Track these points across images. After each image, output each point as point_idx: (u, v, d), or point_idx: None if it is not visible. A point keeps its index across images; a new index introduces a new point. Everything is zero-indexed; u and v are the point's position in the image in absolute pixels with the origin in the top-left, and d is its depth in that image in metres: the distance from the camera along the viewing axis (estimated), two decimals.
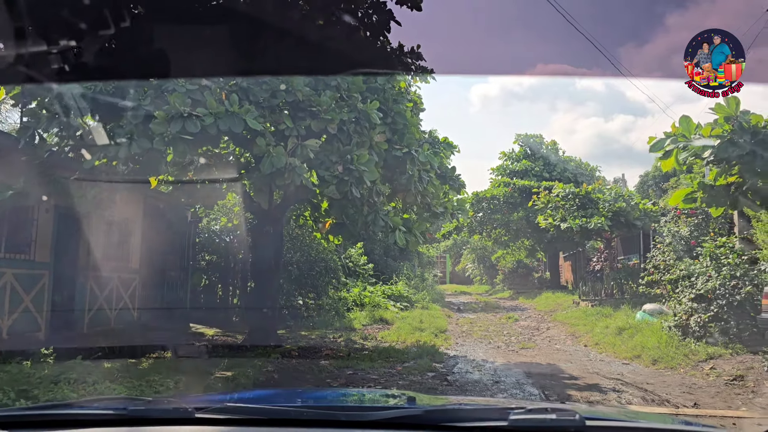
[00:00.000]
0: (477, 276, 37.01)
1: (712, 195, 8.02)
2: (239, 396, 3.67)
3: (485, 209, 25.33)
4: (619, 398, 7.43)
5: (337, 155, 8.27)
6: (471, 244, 33.92)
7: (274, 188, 8.94)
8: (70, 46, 2.50)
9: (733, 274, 10.40)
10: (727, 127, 6.64)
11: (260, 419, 1.94)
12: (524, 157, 27.61)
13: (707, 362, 9.34)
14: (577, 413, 1.77)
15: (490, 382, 8.53)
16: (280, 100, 7.79)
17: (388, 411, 1.96)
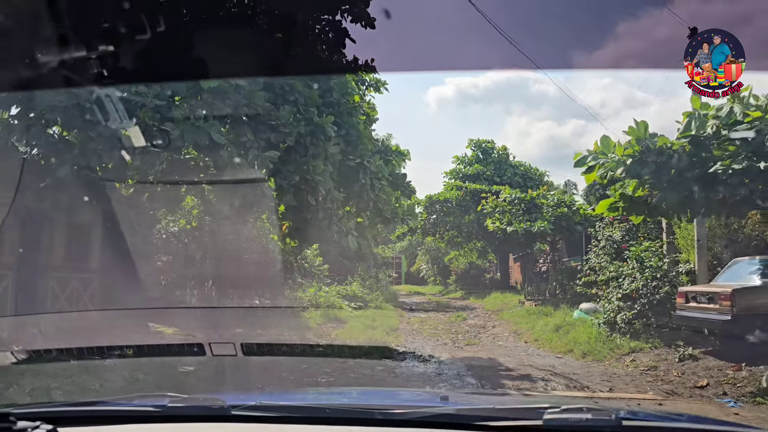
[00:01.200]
0: (431, 277, 38.10)
1: (632, 205, 9.16)
2: (273, 394, 3.80)
3: (438, 212, 26.40)
4: (545, 386, 8.46)
5: (295, 165, 9.05)
6: (425, 245, 34.99)
7: (235, 196, 9.65)
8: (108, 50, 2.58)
9: (655, 275, 11.62)
10: (637, 148, 7.72)
11: (295, 417, 2.00)
12: (476, 161, 28.84)
13: (629, 355, 10.49)
14: (614, 413, 1.78)
15: (434, 374, 9.45)
16: (242, 114, 8.52)
17: (422, 410, 1.99)
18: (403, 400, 2.75)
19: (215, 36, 7.91)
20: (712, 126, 7.03)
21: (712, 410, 7.05)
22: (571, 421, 1.73)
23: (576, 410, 1.79)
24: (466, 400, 2.73)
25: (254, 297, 16.11)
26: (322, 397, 3.07)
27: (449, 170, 29.05)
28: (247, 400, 2.15)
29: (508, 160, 29.21)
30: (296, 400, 2.67)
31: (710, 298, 9.58)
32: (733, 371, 8.66)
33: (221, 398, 2.09)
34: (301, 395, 3.37)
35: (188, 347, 11.27)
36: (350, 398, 2.98)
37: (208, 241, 14.55)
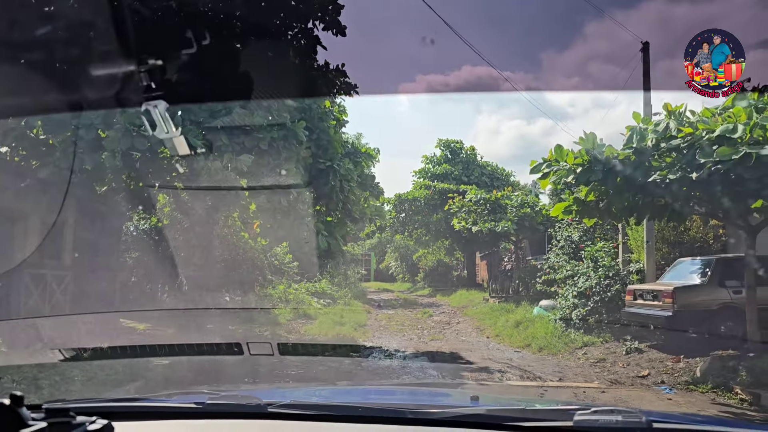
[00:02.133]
0: (400, 274, 38.79)
1: (584, 209, 9.89)
2: (306, 391, 3.93)
3: (407, 210, 27.07)
4: (501, 377, 9.17)
5: (268, 168, 9.58)
6: (394, 243, 35.66)
7: (209, 196, 10.13)
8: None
9: (607, 274, 12.48)
10: (586, 158, 8.45)
11: (329, 415, 2.05)
12: (445, 161, 29.60)
13: (582, 349, 11.29)
14: (644, 416, 1.79)
15: (398, 367, 10.10)
16: (218, 120, 9.02)
17: (453, 410, 2.04)
18: (434, 400, 2.86)
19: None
20: (652, 139, 7.79)
21: (649, 396, 7.84)
22: (602, 422, 1.74)
23: (606, 412, 1.80)
24: (496, 399, 2.80)
25: (224, 294, 16.56)
26: (353, 395, 3.13)
27: (418, 169, 29.77)
28: (281, 397, 2.27)
29: (476, 160, 30.04)
30: (328, 397, 2.76)
31: (655, 295, 10.42)
32: (673, 362, 9.50)
33: (257, 395, 2.20)
34: (333, 393, 3.48)
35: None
36: (381, 397, 3.01)
37: (180, 240, 14.94)
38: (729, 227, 12.14)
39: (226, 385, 8.24)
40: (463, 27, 64.06)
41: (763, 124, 6.61)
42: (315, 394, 3.12)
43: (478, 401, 2.35)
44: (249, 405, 2.10)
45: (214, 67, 9.11)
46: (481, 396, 2.41)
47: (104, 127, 7.93)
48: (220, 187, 8.67)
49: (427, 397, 3.17)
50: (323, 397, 2.76)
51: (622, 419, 1.75)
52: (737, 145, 6.61)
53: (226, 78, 9.31)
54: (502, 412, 2.03)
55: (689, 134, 7.27)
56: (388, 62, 60.61)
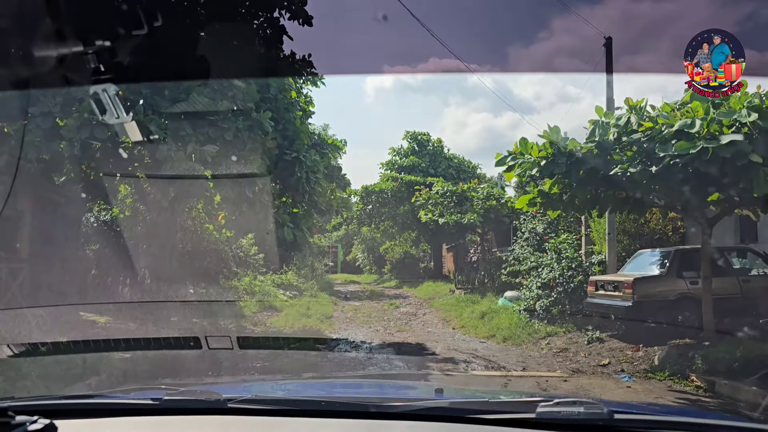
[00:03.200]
0: (367, 266, 38.87)
1: (548, 201, 10.04)
2: (268, 385, 3.88)
3: (374, 202, 27.11)
4: (466, 367, 9.30)
5: (233, 159, 9.49)
6: (361, 235, 35.68)
7: (172, 187, 9.99)
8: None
9: (570, 265, 12.73)
10: (550, 150, 8.59)
11: (290, 410, 2.03)
12: (412, 153, 29.71)
13: (545, 339, 11.51)
14: (605, 406, 1.82)
15: (364, 358, 10.14)
16: (181, 109, 8.88)
17: (416, 403, 2.02)
18: (398, 393, 2.84)
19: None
20: (614, 133, 7.96)
21: (609, 385, 8.05)
22: (564, 413, 1.76)
23: (569, 403, 1.82)
24: (461, 393, 2.78)
25: (188, 286, 16.36)
26: (317, 388, 3.10)
27: (385, 161, 29.81)
28: (243, 392, 2.24)
29: (443, 152, 30.21)
30: (292, 392, 2.73)
31: (616, 286, 10.67)
32: (632, 351, 9.77)
33: (217, 390, 2.15)
34: (297, 387, 3.43)
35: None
36: (344, 390, 3.00)
37: (141, 231, 14.69)
38: (687, 219, 12.50)
39: (189, 379, 8.18)
40: (431, 18, 64.14)
41: (719, 120, 6.82)
42: (277, 389, 3.09)
43: (442, 394, 2.34)
44: (208, 401, 2.07)
45: (174, 53, 8.96)
46: (446, 389, 2.42)
47: (62, 116, 7.74)
48: (184, 176, 8.56)
49: (391, 390, 3.17)
50: (286, 391, 2.74)
51: (584, 410, 1.77)
52: (695, 140, 6.81)
53: (187, 64, 9.17)
54: (465, 404, 2.05)
55: (649, 128, 7.46)
56: (355, 53, 60.32)
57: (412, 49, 59.08)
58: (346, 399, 2.27)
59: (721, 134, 6.71)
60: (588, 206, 9.86)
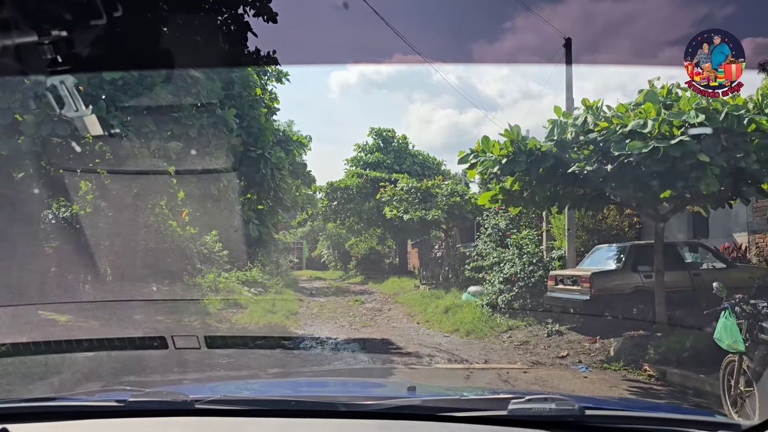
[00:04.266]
0: (332, 262, 38.89)
1: (509, 198, 10.29)
2: (238, 385, 3.82)
3: (339, 198, 27.16)
4: (430, 361, 9.50)
5: (197, 156, 9.48)
6: (326, 231, 35.69)
7: (134, 184, 9.93)
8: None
9: (531, 260, 13.06)
10: (511, 149, 8.82)
11: (259, 410, 2.00)
12: (377, 149, 29.86)
13: (507, 332, 11.81)
14: (576, 402, 1.83)
15: (330, 354, 10.27)
16: (143, 104, 8.84)
17: (387, 401, 1.99)
18: (369, 391, 2.82)
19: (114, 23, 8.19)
20: (571, 132, 8.23)
21: (567, 375, 8.35)
22: (535, 410, 1.77)
23: (540, 400, 1.83)
24: (434, 391, 2.77)
25: (151, 284, 16.21)
26: (286, 387, 3.06)
27: (350, 158, 29.90)
28: (210, 392, 2.20)
29: (408, 149, 30.44)
30: (260, 391, 2.70)
31: (574, 280, 11.02)
32: (590, 343, 10.13)
33: (184, 391, 2.10)
34: (265, 386, 3.42)
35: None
36: (314, 389, 2.97)
37: (103, 228, 14.49)
38: (642, 216, 12.95)
39: (154, 376, 8.16)
40: (394, 15, 64.18)
41: (670, 120, 7.14)
42: (245, 388, 3.06)
43: (414, 392, 2.31)
44: (175, 402, 2.02)
45: (135, 45, 8.92)
46: (418, 386, 2.37)
47: (21, 112, 7.64)
48: (147, 172, 8.53)
49: (361, 388, 3.15)
50: (254, 391, 2.71)
51: (556, 407, 1.78)
52: (647, 140, 7.11)
53: (149, 56, 9.13)
54: (437, 402, 2.05)
55: (605, 128, 7.75)
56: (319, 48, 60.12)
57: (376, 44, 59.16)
58: (316, 398, 2.25)
59: (671, 134, 7.02)
60: (548, 203, 10.15)
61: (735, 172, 7.28)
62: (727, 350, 5.53)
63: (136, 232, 12.61)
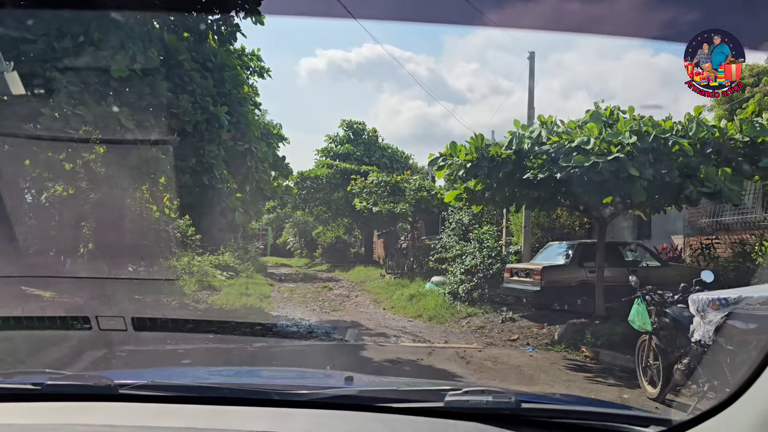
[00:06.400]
0: (297, 249, 39.98)
1: (473, 197, 11.63)
2: (168, 372, 3.73)
3: (309, 188, 28.30)
4: (396, 340, 10.83)
5: (192, 149, 10.58)
6: (293, 219, 36.74)
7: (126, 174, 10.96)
8: None
9: (490, 254, 14.49)
10: (475, 155, 10.15)
11: (187, 396, 1.94)
12: (347, 141, 31.04)
13: (466, 318, 13.21)
14: (513, 395, 1.85)
15: (305, 332, 11.50)
16: (146, 102, 9.88)
17: (322, 391, 1.99)
18: (305, 381, 2.77)
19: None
20: (527, 143, 9.59)
21: (516, 354, 9.76)
22: (472, 402, 1.79)
23: (477, 392, 1.84)
24: (373, 381, 2.73)
25: (128, 265, 17.12)
26: (221, 375, 3.00)
27: (321, 148, 31.02)
28: (138, 377, 2.11)
29: (378, 142, 31.70)
30: (193, 378, 2.62)
31: (527, 273, 12.46)
32: (538, 329, 11.59)
33: (109, 376, 2.02)
34: (198, 373, 3.36)
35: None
36: (251, 378, 2.93)
37: (85, 210, 15.38)
38: (588, 217, 14.50)
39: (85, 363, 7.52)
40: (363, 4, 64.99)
41: (609, 140, 8.56)
42: (177, 375, 2.99)
43: (351, 382, 2.28)
44: (97, 386, 1.94)
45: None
46: (356, 377, 2.34)
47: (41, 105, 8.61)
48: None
49: (298, 378, 3.08)
50: (186, 378, 2.61)
51: (492, 399, 1.80)
52: (589, 155, 8.51)
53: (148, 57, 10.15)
54: (374, 393, 2.04)
55: (555, 142, 9.13)
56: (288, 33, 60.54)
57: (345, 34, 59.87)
58: (249, 386, 2.21)
59: (609, 151, 8.45)
60: (506, 203, 11.55)
61: (662, 184, 8.74)
62: (639, 330, 6.99)
63: (120, 215, 13.58)
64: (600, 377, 8.31)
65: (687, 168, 8.69)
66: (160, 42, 10.57)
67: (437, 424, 1.75)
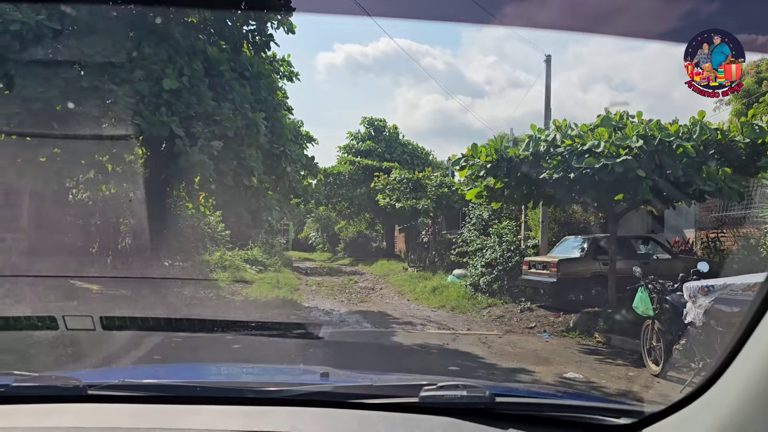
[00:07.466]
0: (320, 244, 41.06)
1: (492, 194, 12.55)
2: (140, 371, 3.63)
3: (332, 184, 29.34)
4: (423, 328, 11.80)
5: (233, 153, 11.62)
6: (316, 214, 37.81)
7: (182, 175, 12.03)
8: None
9: (510, 248, 15.39)
10: (494, 156, 11.07)
11: (159, 396, 1.92)
12: (369, 138, 32.01)
13: (486, 308, 14.15)
14: (487, 389, 1.87)
15: (338, 321, 12.52)
16: (192, 111, 10.92)
17: (297, 387, 1.99)
18: (281, 378, 2.75)
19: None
20: (543, 146, 10.47)
21: (533, 340, 10.68)
22: (447, 397, 1.80)
23: (452, 387, 1.85)
24: (349, 377, 2.70)
25: (165, 259, 18.29)
26: (194, 373, 2.97)
27: (343, 145, 32.03)
28: (109, 377, 2.06)
29: (398, 138, 32.63)
30: (167, 376, 2.59)
31: (544, 266, 13.36)
32: (554, 318, 12.49)
33: (77, 377, 1.99)
34: (172, 371, 3.30)
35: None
36: (225, 375, 2.91)
37: (129, 208, 16.58)
38: (601, 213, 15.33)
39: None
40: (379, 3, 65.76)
41: (618, 143, 9.42)
42: (149, 374, 2.97)
43: (327, 378, 2.28)
44: (64, 387, 1.91)
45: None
46: (332, 373, 2.36)
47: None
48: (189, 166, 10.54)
49: (271, 374, 3.07)
50: (158, 377, 2.58)
51: (467, 394, 1.82)
52: (599, 157, 9.39)
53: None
54: (349, 389, 2.05)
55: (569, 145, 10.01)
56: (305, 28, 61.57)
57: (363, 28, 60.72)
58: (222, 384, 2.20)
59: (617, 154, 9.31)
60: (524, 200, 12.46)
61: (667, 183, 9.60)
62: (642, 315, 7.89)
63: (163, 212, 14.66)
64: (609, 359, 9.22)
65: (690, 168, 9.53)
66: (203, 54, 11.57)
67: (412, 420, 1.77)
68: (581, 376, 7.92)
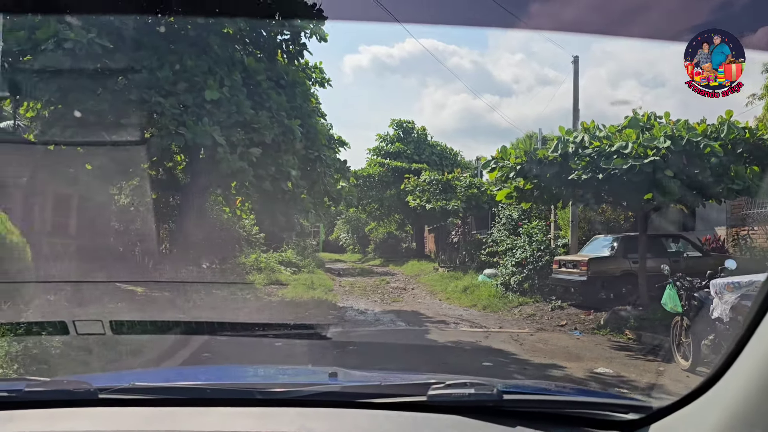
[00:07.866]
0: (350, 245, 41.59)
1: (522, 195, 12.84)
2: (149, 374, 3.66)
3: (362, 186, 29.80)
4: (456, 326, 12.15)
5: (271, 159, 12.11)
6: (346, 216, 38.36)
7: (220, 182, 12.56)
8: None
9: (540, 247, 15.64)
10: (524, 158, 11.36)
11: (169, 399, 1.94)
12: (398, 140, 32.42)
13: (517, 307, 14.42)
14: (495, 387, 1.87)
15: (373, 320, 12.93)
16: (232, 119, 11.44)
17: (305, 388, 2.00)
18: (289, 379, 2.77)
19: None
20: (572, 147, 10.73)
21: (564, 337, 10.95)
22: (455, 395, 1.81)
23: (459, 385, 1.86)
24: (357, 377, 2.70)
25: (204, 262, 18.93)
26: (203, 375, 3.03)
27: (372, 147, 32.51)
28: (120, 381, 2.09)
29: (427, 140, 32.97)
30: (176, 379, 2.64)
31: (574, 264, 13.58)
32: (585, 315, 12.73)
33: (88, 380, 2.01)
34: (181, 374, 3.35)
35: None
36: (234, 377, 2.95)
37: (167, 212, 17.24)
38: (631, 212, 15.48)
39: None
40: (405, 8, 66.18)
41: (645, 144, 9.65)
42: (158, 377, 3.00)
43: (336, 378, 2.28)
44: (76, 391, 1.94)
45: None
46: (340, 372, 2.36)
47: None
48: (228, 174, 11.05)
49: (280, 375, 3.13)
50: (168, 380, 2.62)
51: (475, 392, 1.83)
52: (627, 158, 9.64)
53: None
54: (357, 389, 2.07)
55: (597, 147, 10.27)
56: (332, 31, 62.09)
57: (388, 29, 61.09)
58: (232, 386, 2.24)
59: (645, 155, 9.55)
60: (553, 200, 12.73)
61: (695, 183, 9.79)
62: (671, 312, 8.13)
63: (201, 217, 15.25)
64: (640, 355, 9.46)
65: (719, 167, 9.71)
66: (241, 64, 12.10)
67: (420, 419, 1.79)
68: (612, 371, 8.20)
